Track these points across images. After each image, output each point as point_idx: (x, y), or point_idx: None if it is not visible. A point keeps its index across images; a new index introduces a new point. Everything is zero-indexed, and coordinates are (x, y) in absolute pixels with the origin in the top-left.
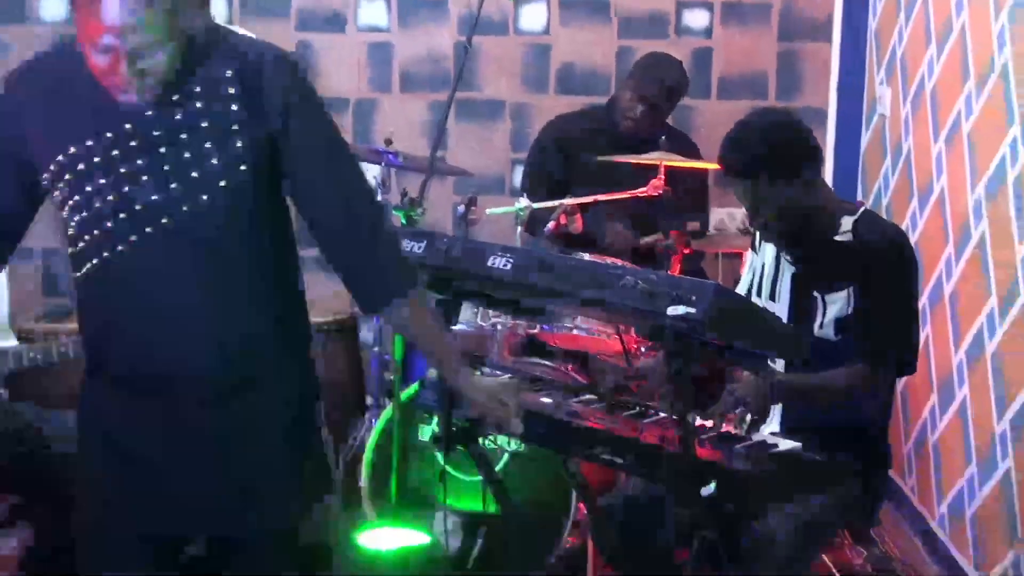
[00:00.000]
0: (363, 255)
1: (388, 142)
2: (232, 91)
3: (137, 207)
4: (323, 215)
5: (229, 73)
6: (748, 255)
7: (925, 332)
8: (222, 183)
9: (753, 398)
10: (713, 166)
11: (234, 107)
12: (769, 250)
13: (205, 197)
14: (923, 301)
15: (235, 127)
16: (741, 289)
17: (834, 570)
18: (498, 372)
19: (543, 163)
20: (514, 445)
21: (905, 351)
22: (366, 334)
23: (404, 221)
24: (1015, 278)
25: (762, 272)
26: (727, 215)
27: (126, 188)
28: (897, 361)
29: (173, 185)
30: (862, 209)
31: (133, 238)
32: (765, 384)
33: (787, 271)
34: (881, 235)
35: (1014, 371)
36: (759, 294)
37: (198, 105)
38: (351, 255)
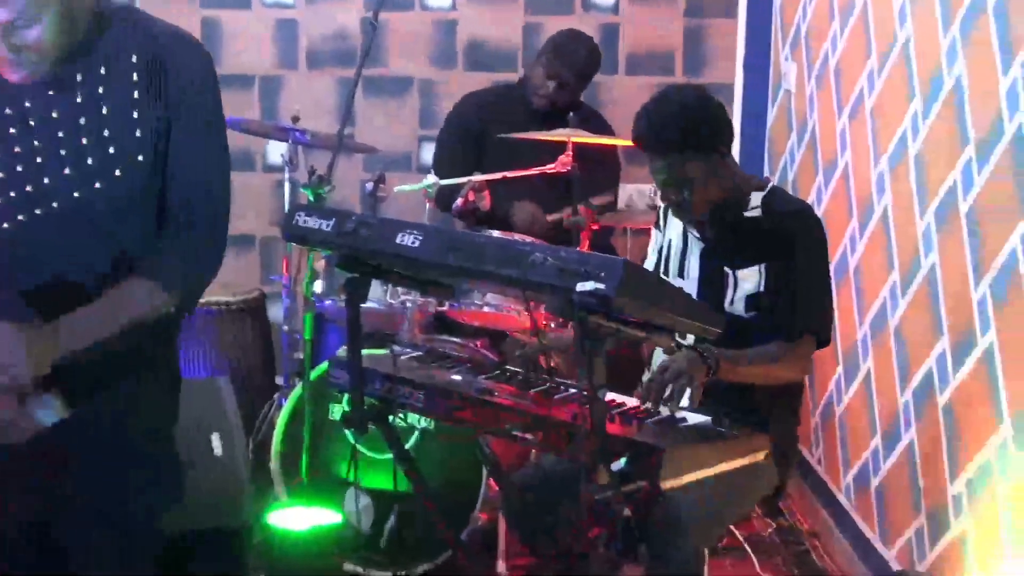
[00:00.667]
0: (175, 250)
1: (295, 119)
2: (136, 77)
3: (28, 188)
4: (176, 206)
5: (135, 58)
6: (652, 233)
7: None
8: (117, 172)
9: (693, 376)
10: (623, 142)
11: (136, 94)
12: (676, 226)
13: (99, 184)
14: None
15: (136, 114)
16: (647, 267)
17: (744, 543)
18: (408, 349)
19: (455, 140)
20: (425, 423)
21: (823, 324)
22: (275, 313)
23: (312, 199)
24: (916, 252)
25: (669, 248)
26: (636, 191)
27: (19, 168)
28: (816, 334)
29: (67, 171)
30: (771, 185)
31: (21, 217)
32: (701, 360)
33: (696, 247)
34: (791, 211)
35: (915, 344)
36: (667, 271)
37: (100, 89)
38: (168, 245)
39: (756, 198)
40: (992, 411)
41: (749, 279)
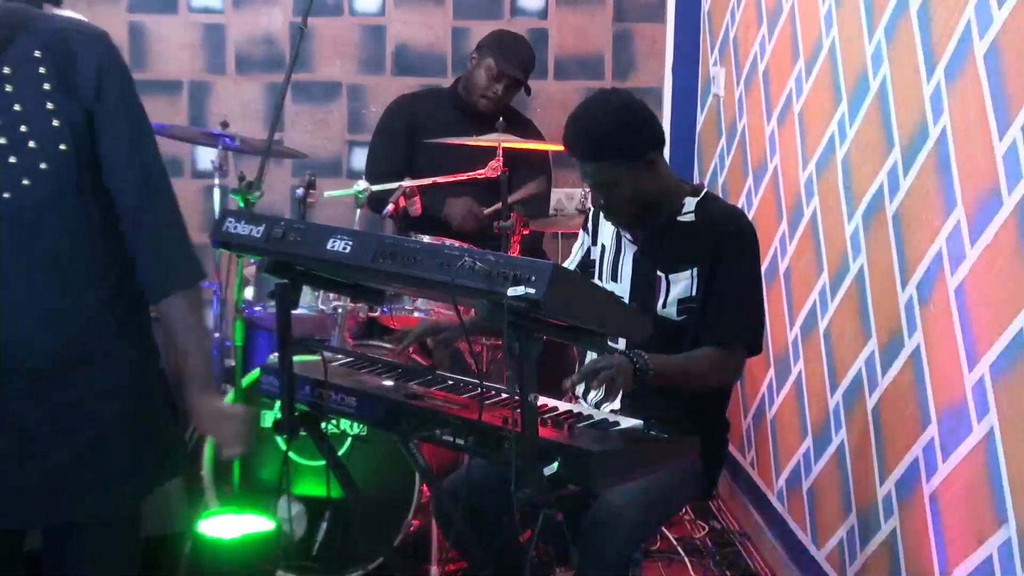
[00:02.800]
0: (151, 240)
1: (224, 125)
2: (43, 71)
3: None
4: (119, 193)
5: (38, 53)
6: (579, 234)
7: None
8: (43, 166)
9: (620, 377)
10: (552, 147)
11: (46, 86)
12: (608, 230)
13: (26, 182)
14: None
15: (50, 106)
16: (569, 267)
17: (676, 545)
18: (339, 355)
19: (385, 144)
20: (357, 429)
21: (754, 332)
22: (206, 320)
23: (242, 204)
24: (844, 254)
25: (603, 253)
26: (565, 195)
27: None
28: (747, 342)
29: None
30: (705, 191)
31: None
32: (630, 363)
33: (628, 251)
34: (724, 216)
35: (844, 346)
36: (600, 275)
37: (8, 88)
38: (141, 238)
39: (690, 203)
40: (919, 412)
41: (681, 283)
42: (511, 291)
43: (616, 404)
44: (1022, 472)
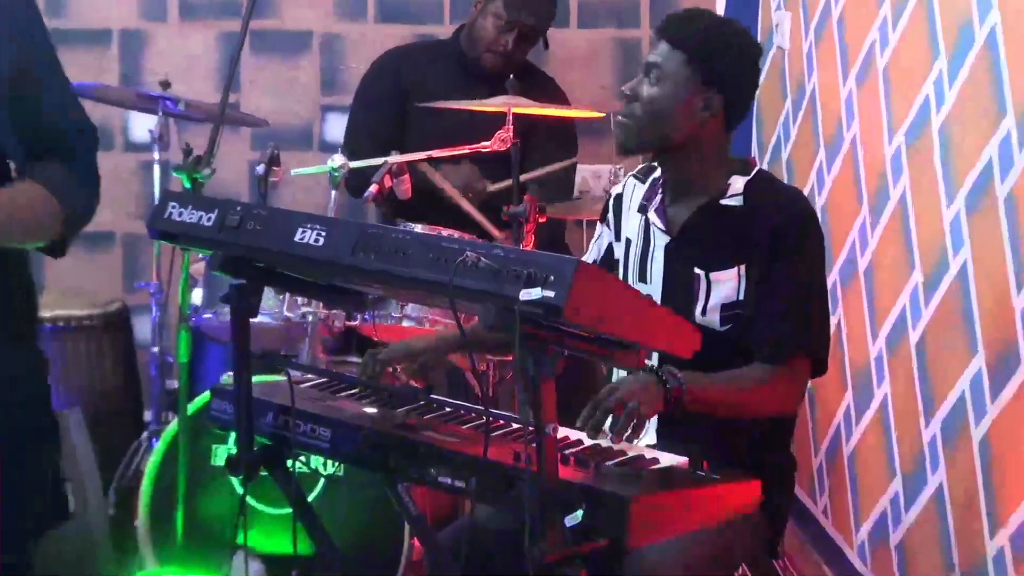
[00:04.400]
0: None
1: (165, 85)
2: None
3: None
4: (37, 132)
5: None
6: (597, 228)
7: (836, 318)
8: None
9: (644, 402)
10: (578, 113)
11: None
12: (634, 219)
13: None
14: (832, 279)
15: None
16: None
17: None
18: (310, 375)
19: (370, 110)
20: (332, 468)
21: (816, 348)
22: (142, 330)
23: (187, 185)
24: (942, 247)
25: (628, 249)
26: (591, 174)
27: None
28: (811, 359)
29: None
30: (757, 169)
31: None
32: (658, 384)
33: (660, 242)
34: (780, 199)
35: (944, 362)
36: (626, 276)
37: None
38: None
39: (738, 183)
40: None
41: (725, 283)
42: (524, 294)
43: (651, 436)
44: None
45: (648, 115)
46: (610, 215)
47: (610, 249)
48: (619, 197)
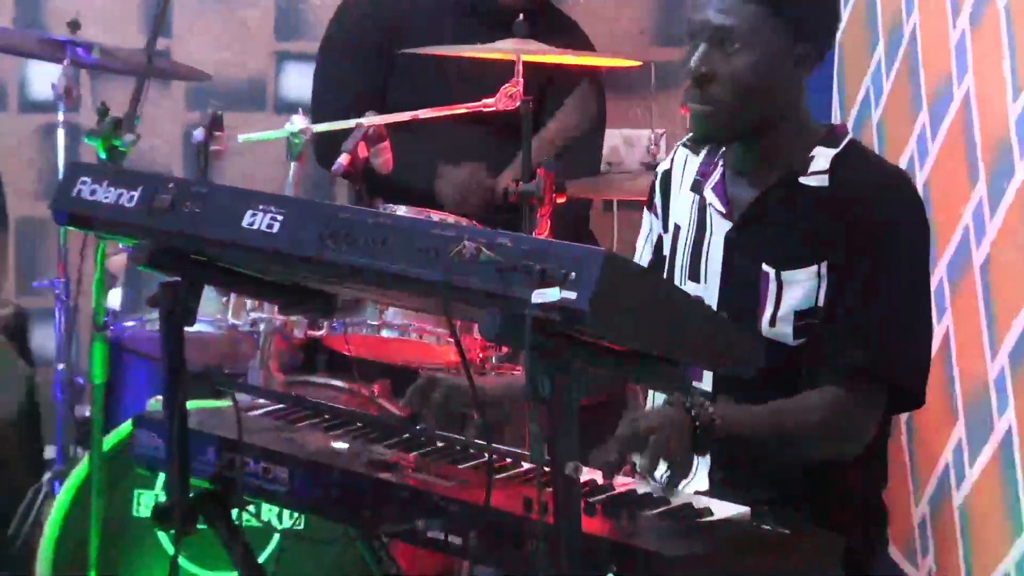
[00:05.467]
0: None
1: (74, 27)
2: None
3: None
4: None
5: None
6: (644, 218)
7: (943, 327)
8: None
9: (671, 438)
10: (606, 61)
11: None
12: (684, 201)
13: None
14: (937, 278)
15: None
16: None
17: None
18: (263, 400)
19: (341, 60)
20: (290, 520)
21: (905, 375)
22: (43, 341)
23: (103, 154)
24: None
25: (676, 238)
26: (623, 140)
27: None
28: (899, 388)
29: None
30: (848, 139)
31: None
32: (687, 418)
33: (718, 229)
34: (877, 182)
35: None
36: (671, 272)
37: None
38: None
39: (822, 157)
40: None
41: (801, 284)
42: (537, 295)
43: (702, 481)
44: None
45: (737, 95)
46: (657, 199)
47: (659, 243)
48: (667, 174)
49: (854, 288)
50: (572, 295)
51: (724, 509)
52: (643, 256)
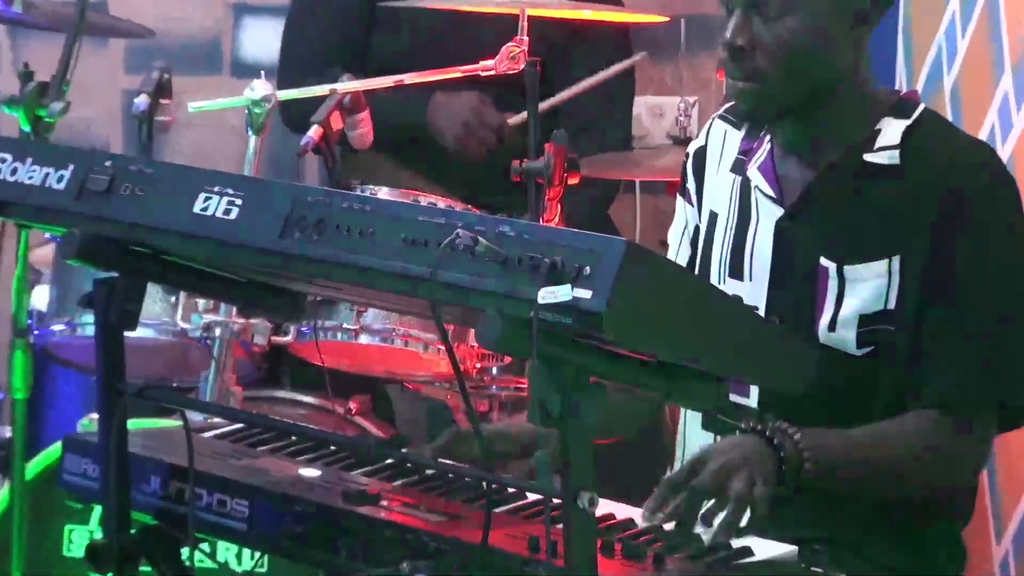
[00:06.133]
0: None
1: None
2: None
3: None
4: None
5: None
6: (678, 205)
7: None
8: None
9: (759, 481)
10: (635, 17)
11: None
12: (725, 182)
13: None
14: None
15: None
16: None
17: None
18: (219, 421)
19: (317, 14)
20: (250, 561)
21: (1018, 387)
22: None
23: (26, 126)
24: None
25: (712, 227)
26: (648, 109)
27: None
28: (993, 403)
29: None
30: (921, 108)
31: None
32: (771, 454)
33: (766, 216)
34: (957, 157)
35: None
36: (707, 268)
37: None
38: None
39: (892, 130)
40: None
41: (868, 283)
42: (546, 294)
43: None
44: None
45: (784, 67)
46: (690, 183)
47: (696, 234)
48: (701, 152)
49: (940, 289)
50: (587, 294)
51: (767, 548)
52: (679, 253)
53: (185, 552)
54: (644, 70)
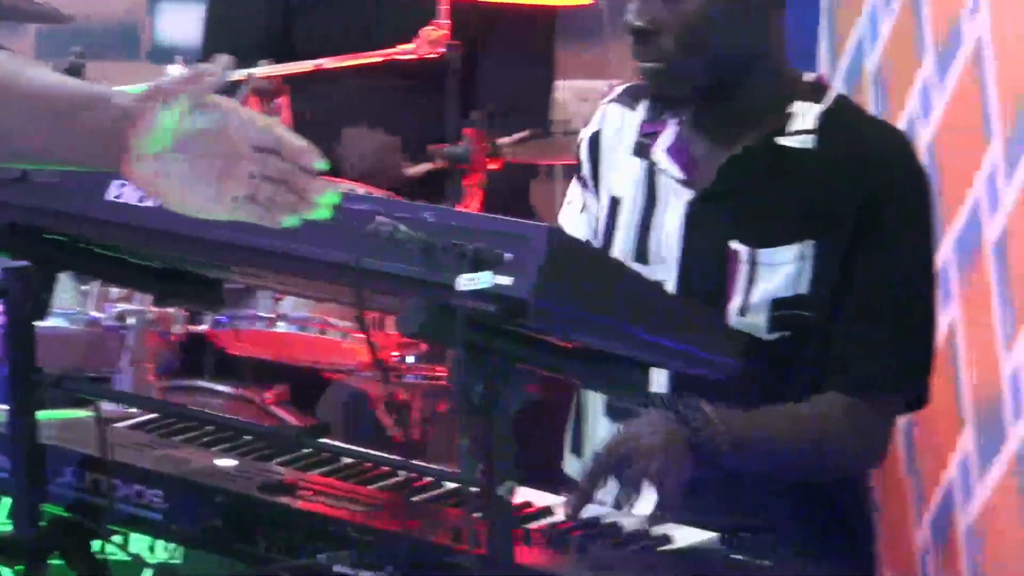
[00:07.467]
0: None
1: None
2: None
3: None
4: None
5: None
6: (573, 189)
7: (947, 317)
8: None
9: (665, 459)
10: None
11: None
12: (628, 168)
13: None
14: (944, 259)
15: None
16: None
17: None
18: (134, 411)
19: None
20: (165, 553)
21: (922, 372)
22: None
23: None
24: None
25: (613, 211)
26: (574, 94)
27: None
28: (904, 388)
29: None
30: (835, 94)
31: None
32: (687, 432)
33: (674, 199)
34: (872, 142)
35: None
36: (609, 251)
37: None
38: None
39: (807, 114)
40: None
41: (781, 268)
42: (466, 281)
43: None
44: None
45: (689, 48)
46: (585, 169)
47: (595, 220)
48: (595, 137)
49: (853, 275)
50: (509, 281)
51: (687, 536)
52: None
53: (98, 545)
54: (569, 55)
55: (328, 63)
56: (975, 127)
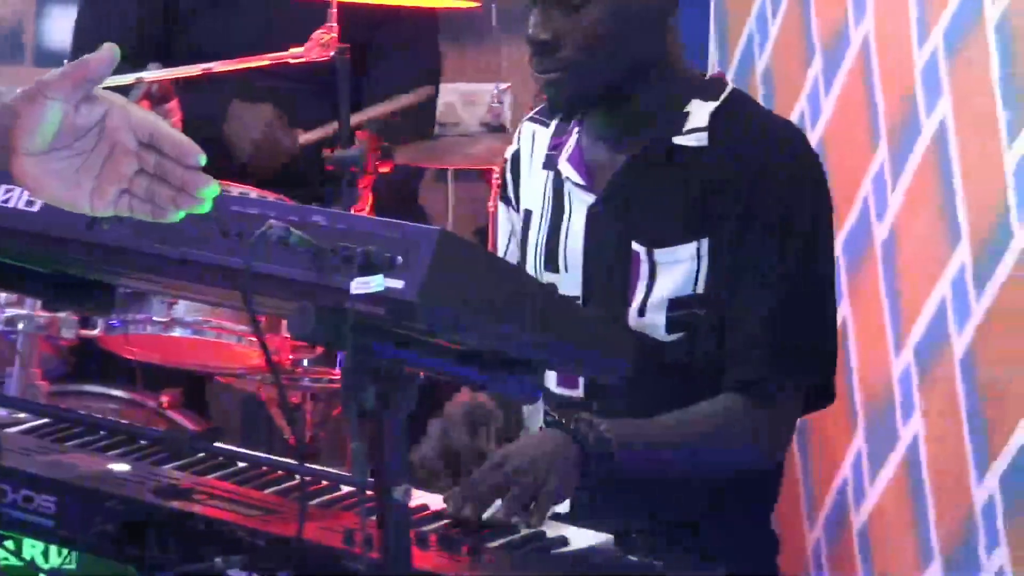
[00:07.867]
0: None
1: None
2: None
3: None
4: None
5: None
6: (499, 210)
7: (840, 317)
8: None
9: (557, 483)
10: (446, 2)
11: None
12: (536, 180)
13: None
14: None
15: None
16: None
17: None
18: (24, 416)
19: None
20: (58, 559)
21: (821, 362)
22: None
23: None
24: (1003, 207)
25: (527, 223)
26: (461, 98)
27: None
28: (795, 381)
29: None
30: (729, 89)
31: None
32: (574, 449)
33: (578, 205)
34: (764, 138)
35: (1008, 385)
36: (523, 263)
37: None
38: None
39: (700, 112)
40: None
41: (677, 267)
42: (358, 284)
43: (563, 505)
44: None
45: (590, 55)
46: (510, 189)
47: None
48: (516, 156)
49: (745, 272)
50: (399, 284)
51: (583, 538)
52: (507, 254)
53: None
54: (457, 58)
55: (218, 66)
56: (863, 128)
